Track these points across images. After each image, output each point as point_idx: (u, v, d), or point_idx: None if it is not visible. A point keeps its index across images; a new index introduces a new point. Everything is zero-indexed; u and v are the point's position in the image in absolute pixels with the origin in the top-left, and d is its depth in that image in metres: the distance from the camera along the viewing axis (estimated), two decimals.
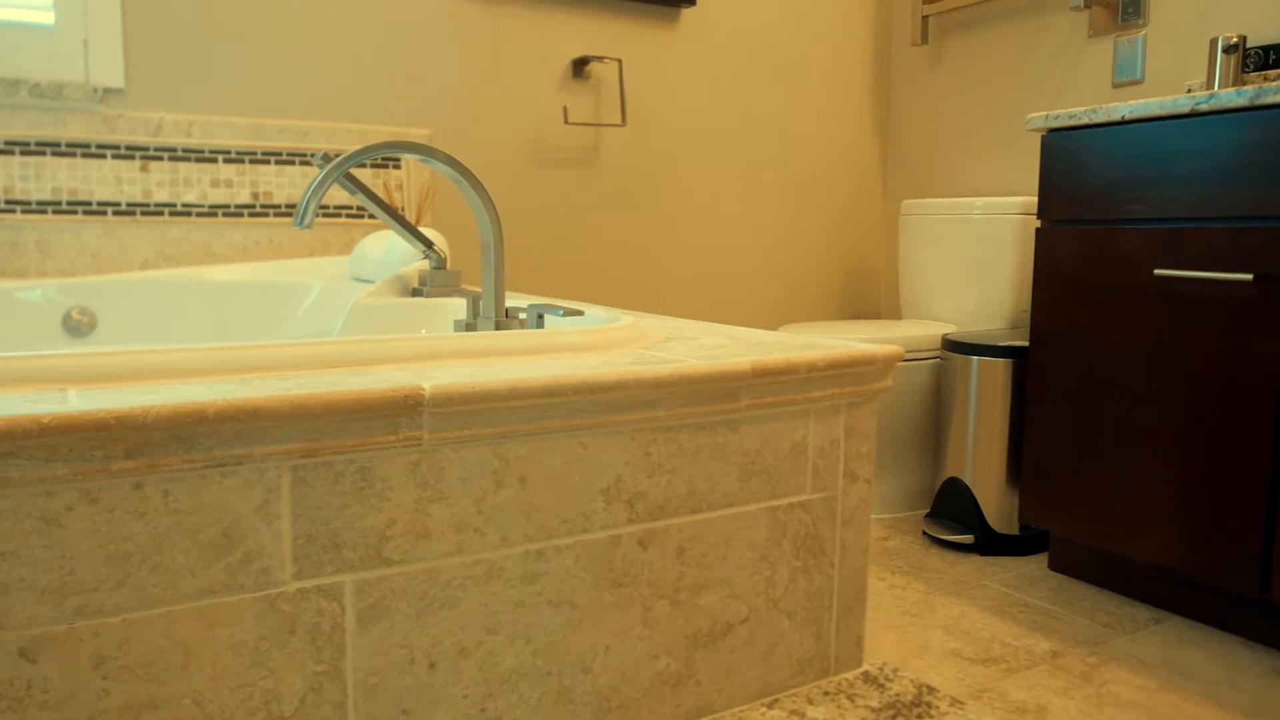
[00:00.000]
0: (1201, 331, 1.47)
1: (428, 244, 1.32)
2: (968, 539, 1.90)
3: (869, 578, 1.79)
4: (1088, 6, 2.03)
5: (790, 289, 2.54)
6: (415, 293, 1.37)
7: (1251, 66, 1.81)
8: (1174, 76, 1.97)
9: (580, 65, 2.16)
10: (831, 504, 0.94)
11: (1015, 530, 1.90)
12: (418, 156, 1.04)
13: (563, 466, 0.79)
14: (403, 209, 1.96)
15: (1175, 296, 1.50)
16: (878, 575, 1.81)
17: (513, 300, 1.32)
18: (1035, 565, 1.86)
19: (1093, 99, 2.12)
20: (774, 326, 2.51)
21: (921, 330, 2.08)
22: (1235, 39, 1.75)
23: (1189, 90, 1.91)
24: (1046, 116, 1.67)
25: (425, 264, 1.39)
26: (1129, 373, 1.58)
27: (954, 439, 1.95)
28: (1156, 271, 1.50)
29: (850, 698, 0.93)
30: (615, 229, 2.26)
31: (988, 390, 1.88)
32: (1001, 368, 1.86)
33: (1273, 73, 1.78)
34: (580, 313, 1.02)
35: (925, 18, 2.40)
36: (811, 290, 2.58)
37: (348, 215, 1.94)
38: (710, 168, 2.38)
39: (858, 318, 2.67)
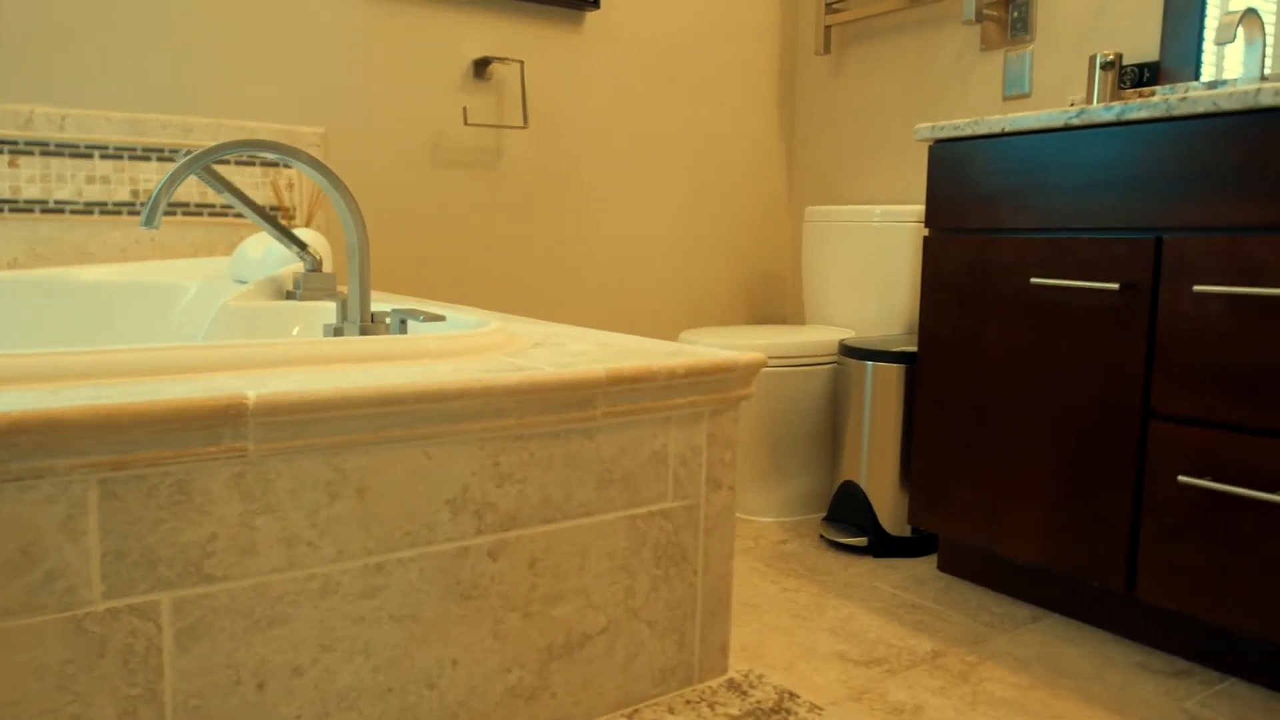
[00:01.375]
0: (1073, 339, 1.52)
1: (301, 245, 1.29)
2: (861, 541, 1.93)
3: (763, 581, 1.81)
4: (979, 21, 2.08)
5: (696, 294, 2.55)
6: (290, 295, 1.33)
7: (1128, 83, 1.88)
8: (1059, 91, 2.04)
9: (482, 66, 2.13)
10: (694, 512, 0.94)
11: (908, 532, 1.94)
12: (276, 156, 1.00)
13: (405, 477, 0.77)
14: (293, 209, 1.91)
15: (1050, 305, 1.55)
16: (772, 579, 1.82)
17: (390, 304, 1.29)
18: (926, 566, 1.89)
19: (985, 111, 2.17)
20: (678, 331, 2.51)
21: (821, 336, 2.10)
22: (1112, 56, 1.81)
23: (1071, 104, 1.97)
24: (933, 127, 1.71)
25: (301, 266, 1.35)
26: (1008, 378, 1.62)
27: (849, 443, 1.97)
28: (1033, 280, 1.54)
29: (711, 706, 0.93)
30: (517, 233, 2.24)
31: (882, 395, 1.91)
32: (895, 373, 1.90)
33: (1147, 89, 1.85)
34: (441, 318, 1.00)
35: (828, 28, 2.43)
36: (718, 296, 2.60)
37: (234, 214, 1.87)
38: (615, 172, 2.38)
39: (764, 323, 2.69)
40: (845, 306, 2.29)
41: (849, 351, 1.97)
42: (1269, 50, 1.69)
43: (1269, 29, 1.68)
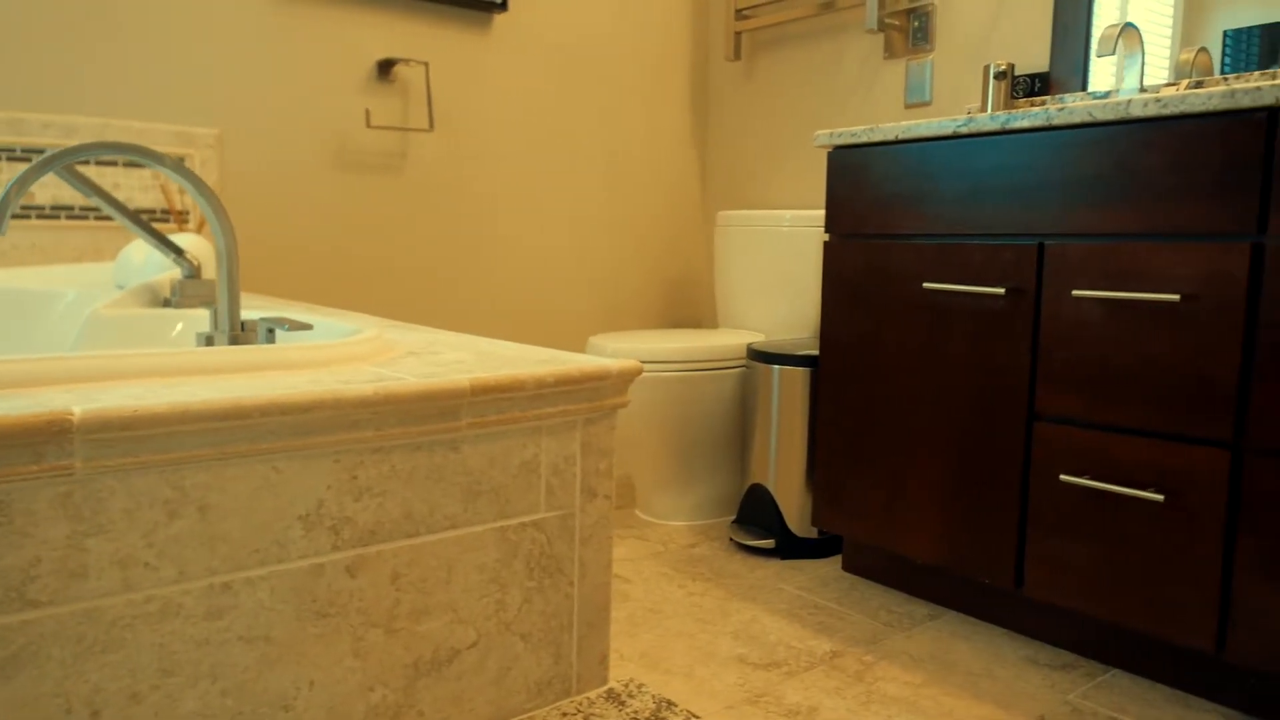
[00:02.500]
0: (964, 342, 1.55)
1: (177, 251, 1.24)
2: (769, 543, 1.95)
3: (670, 586, 1.81)
4: (881, 30, 2.12)
5: (609, 298, 2.55)
6: (167, 303, 1.28)
7: (1021, 93, 1.93)
8: (959, 99, 2.08)
9: (386, 67, 2.09)
10: (569, 522, 0.93)
11: (814, 534, 1.96)
12: (138, 158, 0.97)
13: (252, 493, 0.74)
14: (187, 213, 1.85)
15: (942, 309, 1.58)
16: (679, 583, 1.82)
17: (273, 311, 1.26)
18: (831, 567, 1.92)
19: (890, 118, 2.21)
20: (587, 336, 2.50)
21: (730, 339, 2.12)
22: (1005, 66, 1.86)
23: (968, 112, 2.02)
24: (830, 134, 1.73)
25: (178, 272, 1.31)
26: (903, 381, 1.65)
27: (758, 446, 1.99)
28: (925, 285, 1.57)
29: (588, 718, 0.92)
30: (424, 237, 2.20)
31: (788, 398, 1.93)
32: (801, 376, 1.92)
33: (1039, 99, 1.90)
34: (309, 326, 0.97)
35: (738, 34, 2.45)
36: (632, 300, 2.60)
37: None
38: (526, 176, 2.36)
39: (679, 326, 2.70)
40: (757, 310, 2.31)
41: (756, 355, 1.99)
42: (1147, 63, 1.75)
43: (1161, 42, 1.74)
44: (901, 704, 1.38)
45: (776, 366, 1.94)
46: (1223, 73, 1.64)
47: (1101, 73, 1.82)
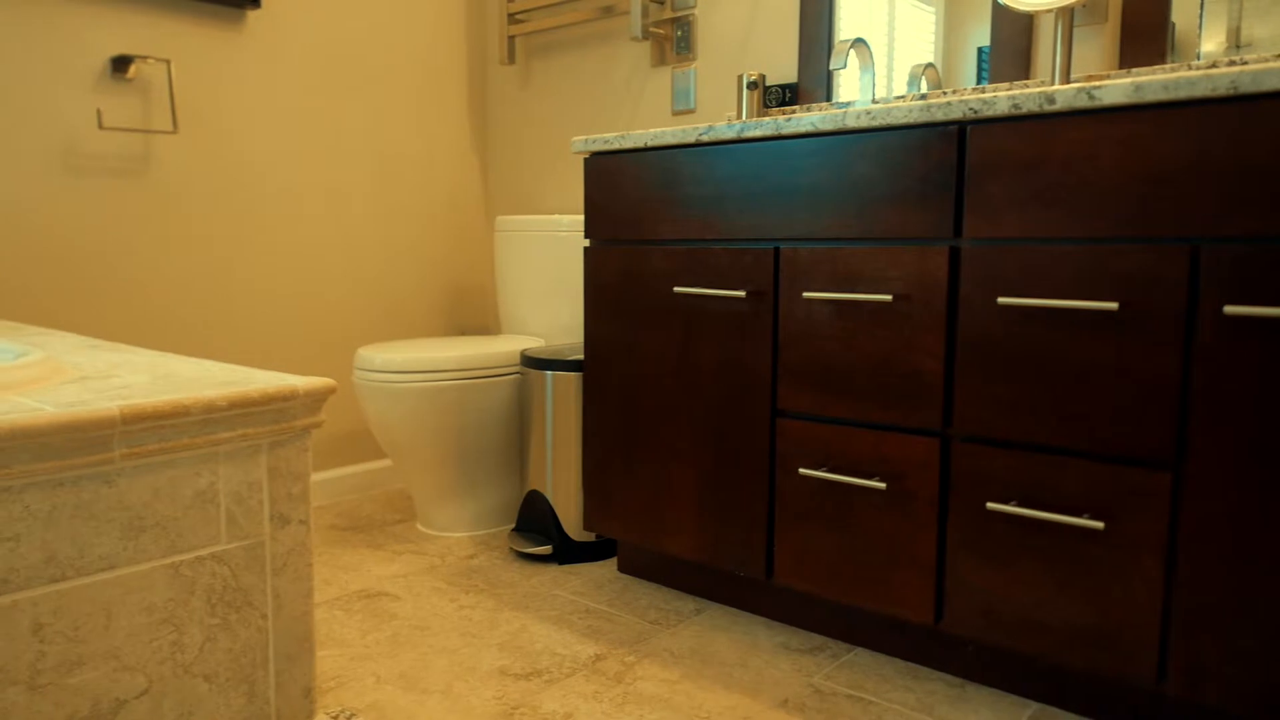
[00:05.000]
0: (713, 344, 1.60)
1: None
2: (546, 550, 1.94)
3: (442, 600, 1.77)
4: (646, 38, 2.16)
5: (385, 307, 2.47)
6: None
7: (773, 102, 2.01)
8: (721, 107, 2.15)
9: (122, 64, 1.94)
10: (257, 552, 0.88)
11: (592, 537, 1.97)
12: None
13: None
14: None
15: (693, 312, 1.62)
16: (451, 597, 1.79)
17: None
18: (607, 570, 1.94)
19: (658, 125, 2.26)
20: (357, 346, 2.42)
21: (507, 346, 2.10)
22: (756, 76, 1.94)
23: (728, 120, 2.09)
24: (586, 141, 1.74)
25: None
26: (661, 383, 1.68)
27: (534, 452, 1.98)
28: (676, 289, 1.61)
29: None
30: (172, 247, 2.06)
31: (562, 403, 1.93)
32: (574, 381, 1.92)
33: (789, 108, 1.99)
34: None
35: (511, 38, 2.44)
36: (413, 307, 2.53)
37: None
38: (290, 182, 2.25)
39: (465, 333, 2.66)
40: (539, 315, 2.30)
41: (529, 361, 1.98)
42: (877, 76, 1.87)
43: (925, 57, 1.85)
44: (656, 702, 1.40)
45: (549, 372, 1.94)
46: (978, 84, 1.77)
47: (848, 84, 1.93)
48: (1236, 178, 1.08)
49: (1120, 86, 1.15)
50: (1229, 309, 1.09)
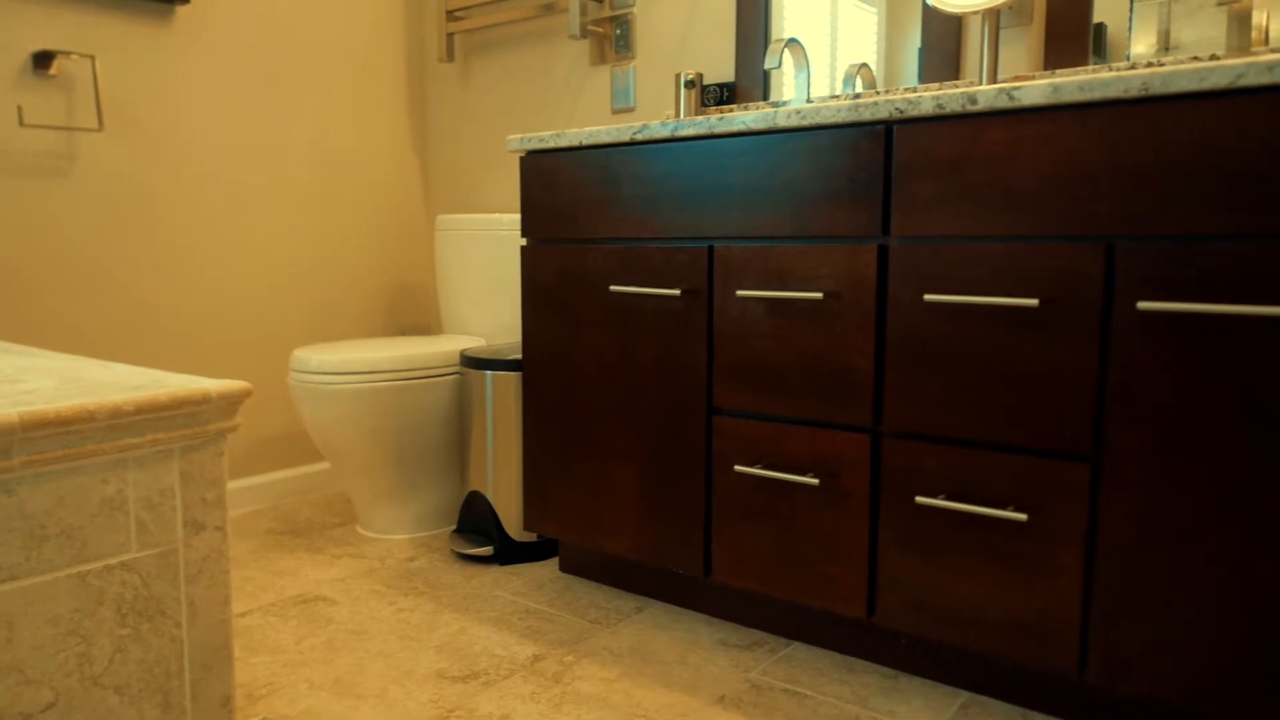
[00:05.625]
0: (649, 342, 1.60)
1: None
2: (487, 551, 1.93)
3: (380, 604, 1.75)
4: (586, 36, 2.16)
5: (323, 309, 2.44)
6: None
7: (711, 101, 2.02)
8: (661, 105, 2.15)
9: (44, 60, 1.88)
10: (169, 559, 0.86)
11: (534, 537, 1.97)
12: None
13: None
14: None
15: (629, 310, 1.62)
16: (390, 600, 1.77)
17: None
18: (549, 569, 1.93)
19: (598, 123, 2.26)
20: (294, 347, 2.39)
21: (446, 346, 2.08)
22: (694, 75, 1.94)
23: (667, 118, 2.09)
24: (522, 139, 1.73)
25: None
26: (599, 381, 1.68)
27: (475, 452, 1.97)
28: (612, 288, 1.61)
29: None
30: (100, 247, 2.01)
31: (502, 403, 1.92)
32: (514, 380, 1.91)
33: (728, 107, 2.00)
34: None
35: (450, 35, 2.42)
36: (353, 308, 2.50)
37: None
38: (224, 180, 2.20)
39: (407, 334, 2.63)
40: (480, 315, 2.28)
41: (469, 361, 1.96)
42: (820, 76, 1.89)
43: (870, 58, 1.87)
44: (594, 702, 1.40)
45: (489, 372, 1.92)
46: (920, 82, 1.79)
47: (788, 84, 1.94)
48: (1149, 177, 1.11)
49: (1038, 87, 1.17)
50: (1143, 305, 1.11)
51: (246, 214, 2.25)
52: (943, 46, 1.74)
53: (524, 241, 1.82)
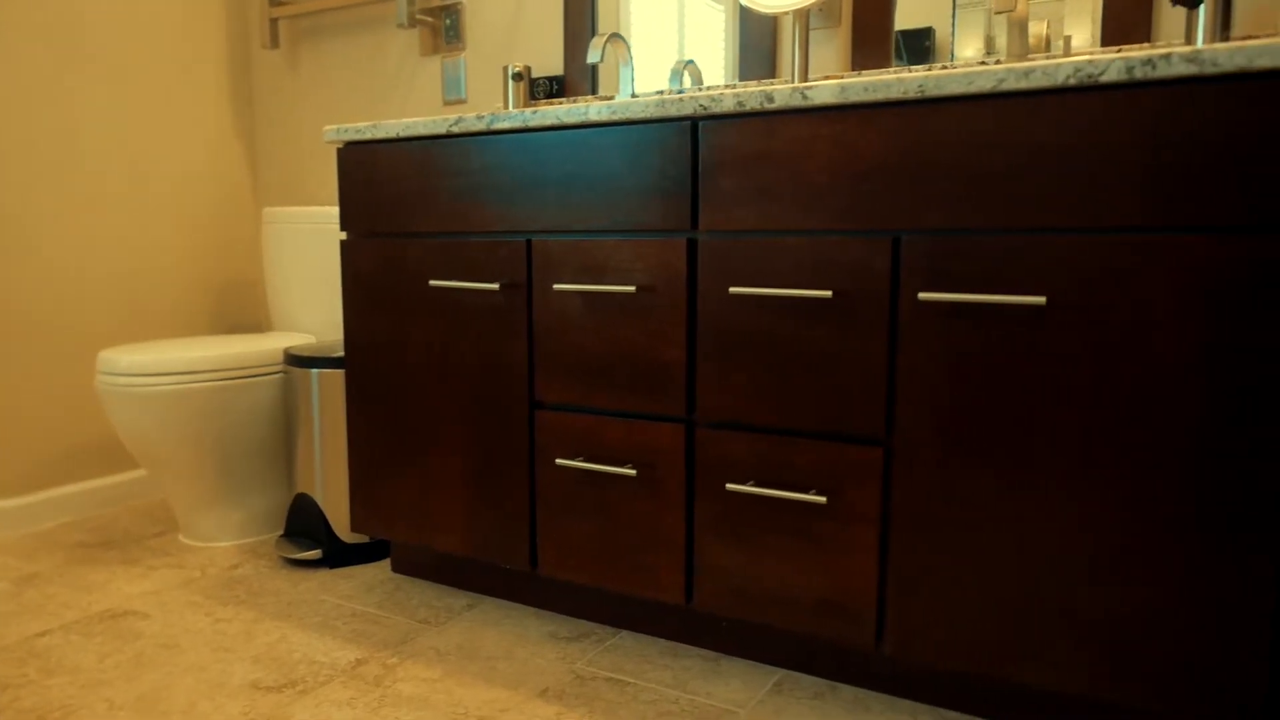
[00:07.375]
0: (471, 337, 1.59)
1: None
2: (316, 554, 1.87)
3: (196, 615, 1.67)
4: (414, 26, 2.11)
5: (137, 307, 2.30)
6: None
7: (541, 94, 2.02)
8: (491, 98, 2.13)
9: None
10: None
11: (365, 539, 1.92)
12: None
13: None
14: None
15: (450, 305, 1.60)
16: (207, 610, 1.69)
17: None
18: (380, 570, 1.89)
19: (430, 114, 2.21)
20: (103, 348, 2.26)
21: (271, 344, 2.00)
22: (521, 68, 1.93)
23: (497, 110, 2.07)
24: (338, 130, 1.68)
25: None
26: (423, 378, 1.65)
27: (302, 454, 1.90)
28: (432, 283, 1.59)
29: None
30: None
31: (329, 402, 1.86)
32: (340, 379, 1.86)
33: (557, 100, 2.00)
34: None
35: (274, 20, 2.32)
36: (169, 306, 2.37)
37: None
38: (17, 173, 2.05)
39: (233, 331, 2.52)
40: (310, 312, 2.21)
41: (293, 360, 1.89)
42: (657, 72, 1.91)
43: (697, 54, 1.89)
44: (414, 703, 1.38)
45: (315, 370, 1.86)
46: (740, 80, 1.82)
47: (621, 79, 1.95)
48: (928, 174, 1.18)
49: (828, 87, 1.22)
50: (923, 295, 1.18)
51: (44, 210, 2.09)
52: (759, 46, 1.79)
53: (343, 235, 1.77)
